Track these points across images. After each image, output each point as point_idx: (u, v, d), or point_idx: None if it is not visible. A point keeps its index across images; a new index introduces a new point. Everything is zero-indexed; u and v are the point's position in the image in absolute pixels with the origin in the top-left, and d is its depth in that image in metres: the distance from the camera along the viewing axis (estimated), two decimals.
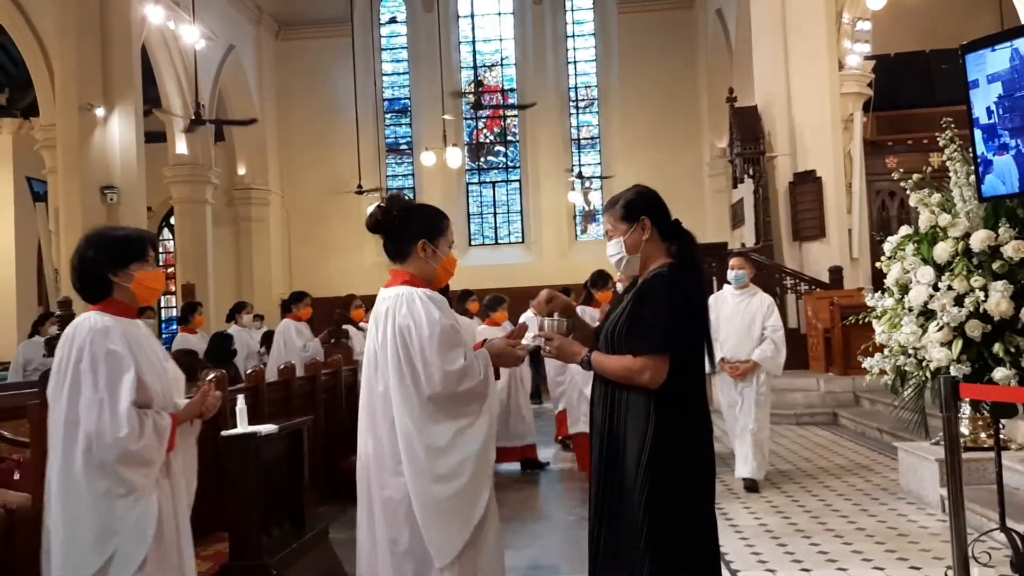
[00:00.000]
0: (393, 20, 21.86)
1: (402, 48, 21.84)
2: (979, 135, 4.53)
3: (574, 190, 20.22)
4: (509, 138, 21.83)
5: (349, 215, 19.89)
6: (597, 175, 20.97)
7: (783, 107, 12.54)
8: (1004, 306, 4.37)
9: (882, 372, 5.06)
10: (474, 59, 21.84)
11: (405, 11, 21.66)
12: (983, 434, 5.50)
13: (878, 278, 5.59)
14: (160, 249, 19.50)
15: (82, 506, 2.69)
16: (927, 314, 4.70)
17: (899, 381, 4.97)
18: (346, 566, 4.83)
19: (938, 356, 4.55)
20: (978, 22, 13.22)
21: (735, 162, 13.16)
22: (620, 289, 5.99)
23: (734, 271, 6.53)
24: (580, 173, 20.49)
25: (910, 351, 4.81)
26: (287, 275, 20.42)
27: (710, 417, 2.84)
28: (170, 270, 18.83)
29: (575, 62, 21.42)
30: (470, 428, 2.87)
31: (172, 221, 19.30)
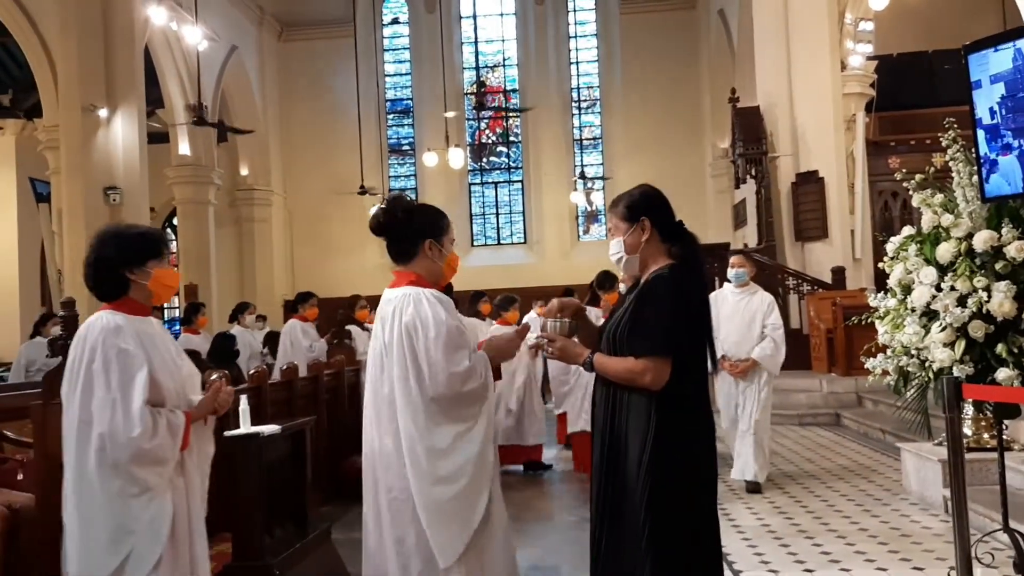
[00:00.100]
0: (395, 21, 21.89)
1: (404, 49, 21.86)
2: (982, 135, 4.52)
3: (576, 191, 20.22)
4: (511, 139, 21.84)
5: (351, 216, 19.91)
6: (599, 176, 20.99)
7: (785, 107, 12.54)
8: (1007, 307, 4.36)
9: (885, 373, 5.05)
10: (476, 60, 21.85)
11: (407, 12, 21.69)
12: (986, 435, 5.49)
13: (881, 278, 5.59)
14: None
15: (96, 506, 2.69)
16: (930, 315, 4.69)
17: (902, 382, 4.97)
18: (349, 566, 4.83)
19: (941, 357, 4.54)
20: (981, 22, 13.19)
21: (737, 162, 13.15)
22: (623, 290, 6.00)
23: (734, 269, 6.51)
24: (582, 174, 20.50)
25: (913, 352, 4.80)
26: (289, 276, 20.44)
27: (712, 418, 2.84)
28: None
29: (577, 63, 21.44)
30: (469, 432, 2.88)
31: (175, 222, 19.33)
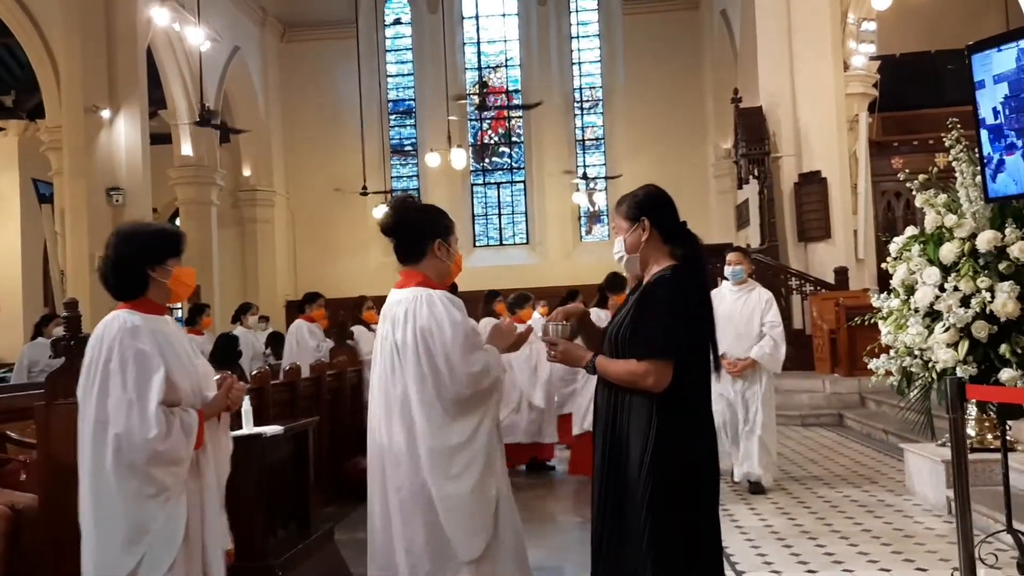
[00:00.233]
0: (398, 21, 21.90)
1: (407, 49, 21.86)
2: (985, 135, 4.52)
3: (579, 191, 20.22)
4: (514, 139, 21.84)
5: (354, 216, 19.93)
6: (602, 176, 20.98)
7: (788, 108, 12.53)
8: (1010, 307, 4.36)
9: (888, 373, 5.05)
10: (479, 60, 21.84)
11: (410, 12, 21.70)
12: (989, 435, 5.48)
13: (884, 279, 5.58)
14: None
15: (113, 506, 2.68)
16: (933, 315, 4.69)
17: (905, 382, 4.96)
18: (351, 567, 4.83)
19: (944, 357, 4.54)
20: (984, 22, 13.18)
21: (740, 163, 13.14)
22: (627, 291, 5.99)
23: (731, 267, 6.43)
24: (585, 174, 20.49)
25: (916, 352, 4.80)
26: (292, 276, 20.45)
27: (713, 418, 2.84)
28: None
29: (580, 63, 21.44)
30: (481, 424, 2.93)
31: (177, 222, 19.34)
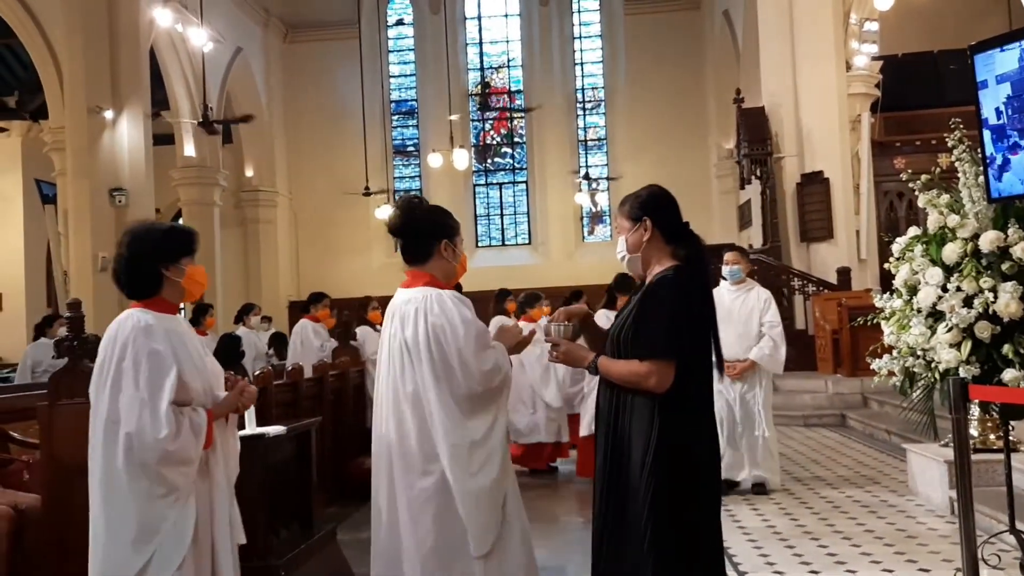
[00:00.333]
0: (400, 22, 21.91)
1: (409, 50, 21.87)
2: (988, 136, 4.51)
3: (581, 191, 20.21)
4: (516, 139, 21.84)
5: (357, 217, 19.94)
6: (604, 176, 20.97)
7: (790, 108, 12.52)
8: (1013, 307, 4.35)
9: (890, 373, 5.04)
10: (481, 61, 21.86)
11: (412, 13, 21.71)
12: (992, 436, 5.47)
13: (886, 279, 5.57)
14: None
15: (123, 505, 2.69)
16: (936, 315, 4.69)
17: (908, 383, 4.96)
18: (354, 567, 4.84)
19: (947, 357, 4.54)
20: (986, 22, 13.15)
21: (742, 163, 13.15)
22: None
23: (728, 266, 6.34)
24: (587, 174, 20.49)
25: (919, 352, 4.79)
26: (295, 277, 20.46)
27: (715, 419, 2.84)
28: None
29: (582, 63, 21.42)
30: (496, 420, 2.98)
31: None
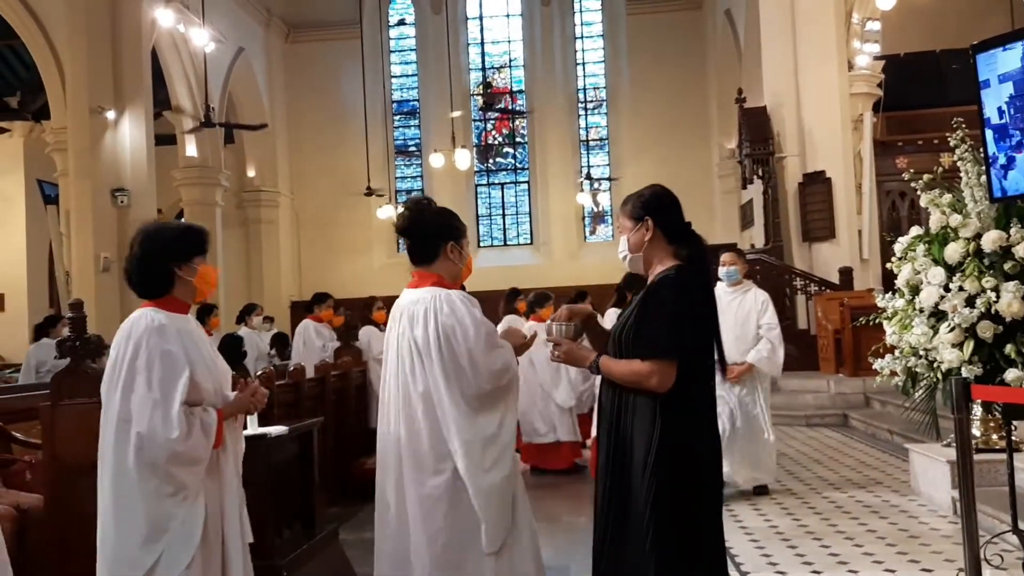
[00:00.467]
0: (402, 22, 21.92)
1: (411, 50, 21.88)
2: (990, 135, 4.51)
3: (583, 191, 20.21)
4: (518, 140, 21.84)
5: (358, 217, 19.95)
6: (606, 176, 20.97)
7: (792, 108, 12.51)
8: (1016, 307, 4.35)
9: (893, 373, 5.05)
10: (483, 61, 21.86)
11: (414, 13, 21.71)
12: (995, 435, 5.46)
13: (888, 279, 5.57)
14: None
15: (133, 504, 2.70)
16: (938, 315, 4.69)
17: (910, 382, 4.96)
18: (356, 567, 4.84)
19: (949, 357, 4.54)
20: (988, 22, 13.14)
21: (744, 163, 13.14)
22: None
23: (725, 267, 6.21)
24: (589, 174, 20.49)
25: (921, 352, 4.79)
26: (297, 277, 20.48)
27: (717, 419, 2.83)
28: None
29: (584, 63, 21.41)
30: (505, 417, 3.03)
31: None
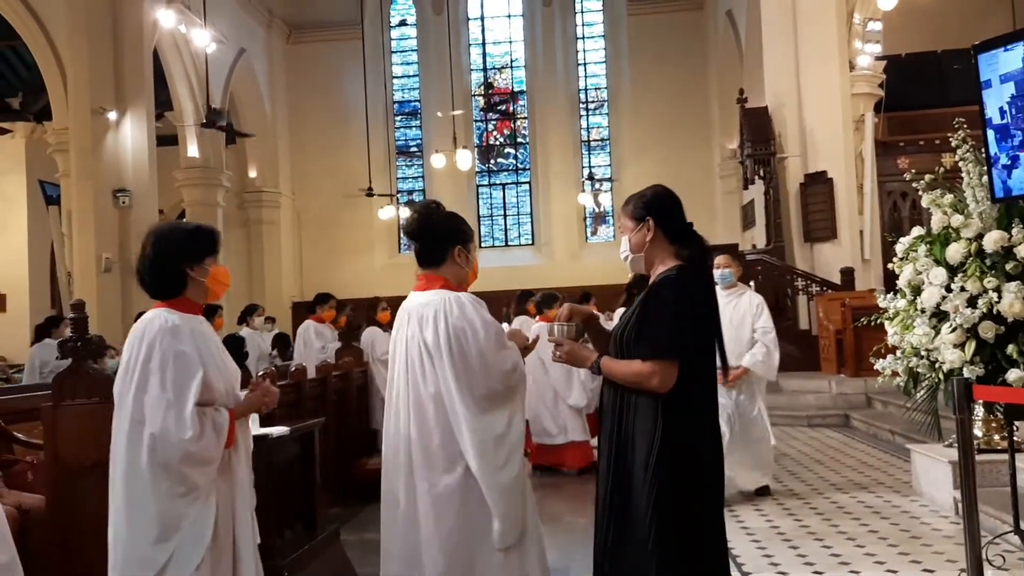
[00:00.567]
0: (403, 23, 21.93)
1: (412, 51, 21.90)
2: (992, 135, 4.51)
3: (584, 192, 20.22)
4: (519, 140, 21.85)
5: (360, 217, 19.96)
6: (607, 177, 20.97)
7: (794, 108, 12.51)
8: (1018, 307, 4.35)
9: (894, 374, 5.04)
10: (484, 61, 21.88)
11: (415, 14, 21.73)
12: (997, 436, 5.46)
13: (890, 279, 5.57)
14: None
15: (145, 504, 2.71)
16: (940, 315, 4.68)
17: (912, 383, 4.96)
18: (358, 567, 4.84)
19: (951, 358, 4.53)
20: (990, 22, 13.15)
21: (746, 163, 13.14)
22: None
23: (719, 270, 6.07)
24: (590, 175, 20.50)
25: (923, 353, 4.79)
26: (298, 277, 20.49)
27: (719, 419, 2.83)
28: None
29: (585, 64, 21.42)
30: (514, 418, 3.08)
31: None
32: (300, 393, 6.36)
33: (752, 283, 11.61)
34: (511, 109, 21.39)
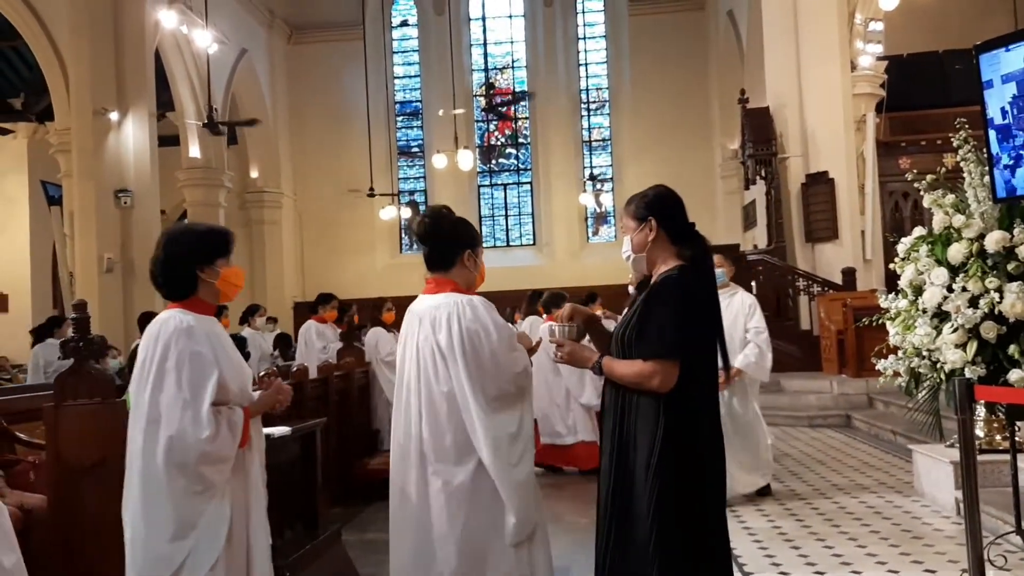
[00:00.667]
0: (404, 23, 21.93)
1: (413, 51, 21.90)
2: (993, 135, 4.50)
3: (585, 192, 20.21)
4: (520, 140, 21.85)
5: (361, 218, 19.96)
6: (608, 177, 20.97)
7: (795, 108, 12.51)
8: (1019, 307, 4.35)
9: (896, 374, 5.04)
10: (485, 62, 21.88)
11: (416, 14, 21.73)
12: (998, 436, 5.45)
13: (891, 279, 5.57)
14: None
15: (162, 503, 2.72)
16: (941, 316, 4.68)
17: (913, 383, 4.95)
18: (359, 567, 4.84)
19: (953, 358, 4.53)
20: (991, 22, 13.14)
21: (747, 163, 13.14)
22: (633, 292, 5.93)
23: None
24: (591, 175, 20.49)
25: (924, 353, 4.79)
26: (300, 278, 20.49)
27: (720, 419, 2.83)
28: None
29: (586, 64, 21.41)
30: (524, 417, 3.17)
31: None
32: (302, 393, 6.35)
33: (754, 283, 11.65)
34: (512, 112, 21.38)
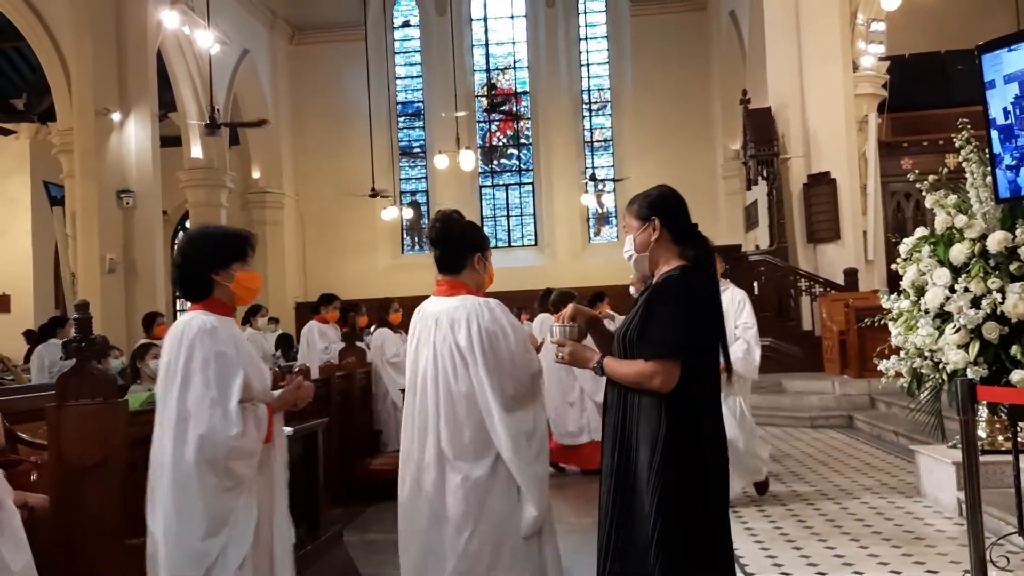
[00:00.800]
0: (406, 24, 21.94)
1: (415, 52, 21.91)
2: (996, 136, 4.50)
3: (587, 192, 20.21)
4: (522, 141, 21.86)
5: (363, 218, 19.97)
6: (610, 177, 20.97)
7: (797, 109, 12.51)
8: (1021, 308, 4.34)
9: (898, 375, 5.04)
10: (487, 62, 21.89)
11: (418, 15, 21.74)
12: (1000, 437, 5.45)
13: (894, 280, 5.57)
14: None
15: (193, 501, 2.74)
16: (943, 316, 4.68)
17: (915, 383, 4.95)
18: (361, 568, 4.84)
19: (955, 358, 4.53)
20: (993, 22, 13.12)
21: (749, 164, 13.13)
22: (634, 292, 5.92)
23: None
24: (593, 176, 20.49)
25: (926, 353, 4.79)
26: (302, 278, 20.50)
27: (722, 419, 2.83)
28: None
29: (588, 64, 21.43)
30: (538, 415, 3.28)
31: (187, 225, 19.42)
32: None
33: (756, 284, 11.65)
34: (514, 109, 21.38)
